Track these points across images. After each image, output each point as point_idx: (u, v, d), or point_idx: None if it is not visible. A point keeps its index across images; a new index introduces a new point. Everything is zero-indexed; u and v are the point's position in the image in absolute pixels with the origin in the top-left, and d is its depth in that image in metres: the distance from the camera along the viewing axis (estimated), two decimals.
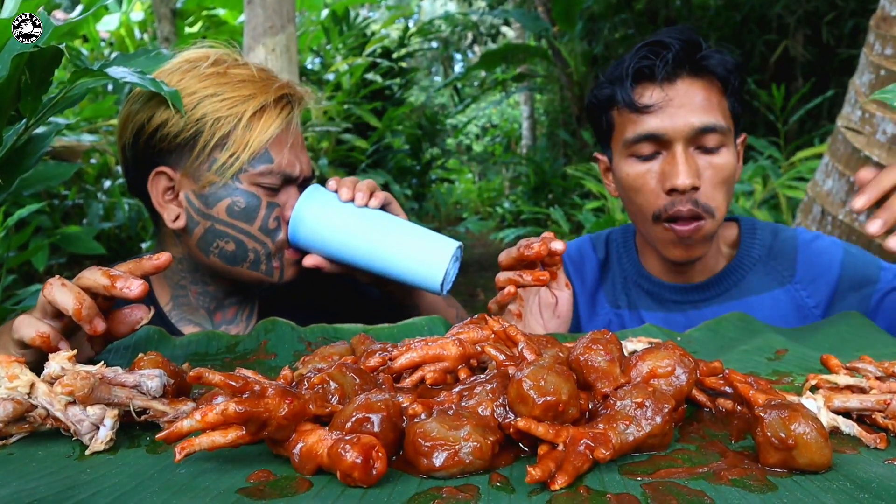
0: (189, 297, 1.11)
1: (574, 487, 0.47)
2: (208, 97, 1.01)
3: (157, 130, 1.02)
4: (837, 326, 0.86)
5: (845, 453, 0.53)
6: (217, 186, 1.02)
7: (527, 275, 0.89)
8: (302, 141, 1.09)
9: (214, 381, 0.50)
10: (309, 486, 0.47)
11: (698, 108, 1.07)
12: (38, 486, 0.47)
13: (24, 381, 0.57)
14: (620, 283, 1.27)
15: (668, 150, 1.09)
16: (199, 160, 1.02)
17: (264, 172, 1.02)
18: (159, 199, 1.06)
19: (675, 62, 1.07)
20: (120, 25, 5.55)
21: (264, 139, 1.02)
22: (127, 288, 0.69)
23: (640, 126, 1.09)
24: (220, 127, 1.01)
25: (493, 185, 10.86)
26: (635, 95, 1.10)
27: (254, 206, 1.03)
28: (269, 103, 1.03)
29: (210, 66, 1.04)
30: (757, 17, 5.92)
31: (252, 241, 1.04)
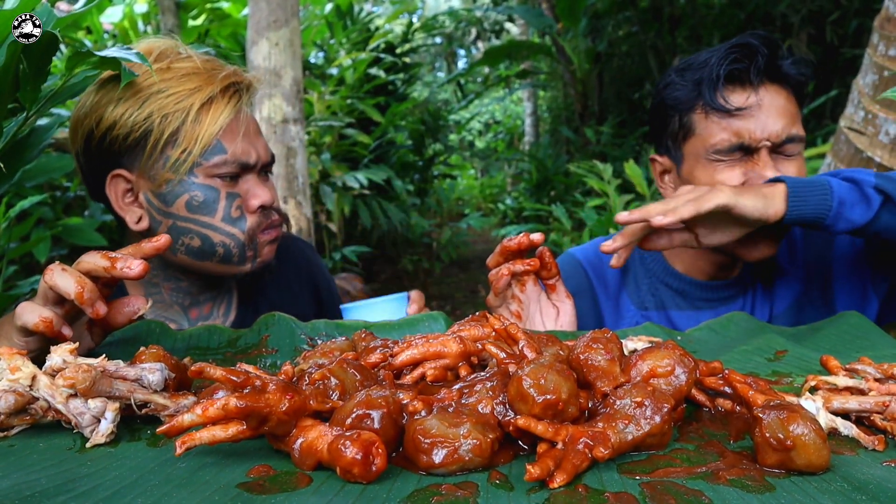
0: (162, 294, 1.11)
1: (573, 486, 0.47)
2: (154, 94, 1.00)
3: (107, 133, 1.01)
4: (838, 327, 0.86)
5: (843, 454, 0.53)
6: (173, 184, 1.02)
7: (517, 263, 0.91)
8: (256, 127, 1.08)
9: (216, 376, 0.51)
10: (309, 482, 0.47)
11: (784, 116, 1.08)
12: (39, 478, 0.48)
13: (26, 374, 0.57)
14: (646, 283, 1.27)
15: (751, 154, 1.09)
16: (152, 159, 1.01)
17: (219, 163, 1.02)
18: (119, 203, 1.05)
19: (772, 62, 1.08)
20: (123, 17, 5.54)
21: (214, 131, 1.01)
22: (127, 268, 0.69)
23: (730, 130, 1.09)
24: (169, 123, 1.00)
25: (495, 182, 10.85)
26: (720, 97, 1.10)
27: (212, 199, 1.03)
28: (216, 94, 1.02)
29: (153, 62, 1.03)
30: (761, 16, 5.91)
31: (218, 234, 1.04)
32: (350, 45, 5.41)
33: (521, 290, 0.96)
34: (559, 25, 7.17)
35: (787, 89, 1.10)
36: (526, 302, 0.96)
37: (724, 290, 1.20)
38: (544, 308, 0.96)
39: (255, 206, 1.06)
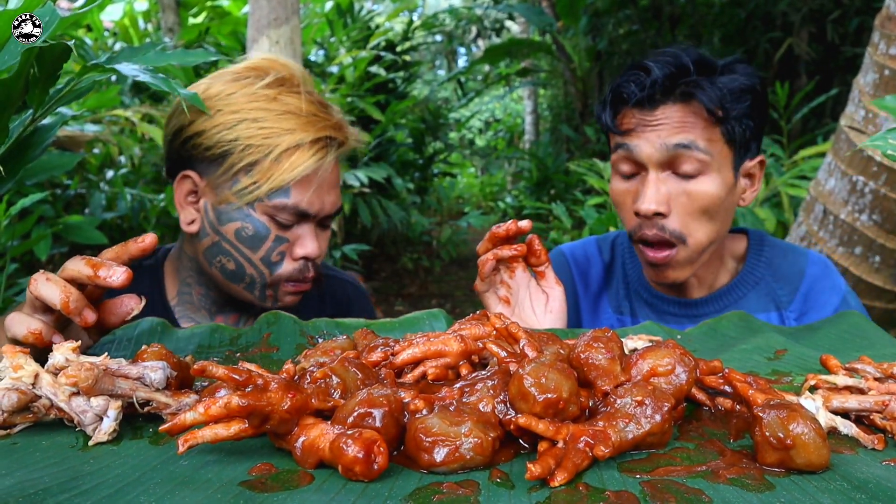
0: (193, 295, 1.12)
1: (573, 484, 0.47)
2: (248, 121, 1.01)
3: (193, 137, 1.03)
4: (837, 326, 0.86)
5: (843, 454, 0.53)
6: (232, 207, 1.03)
7: (504, 248, 0.92)
8: (333, 180, 1.08)
9: (218, 374, 0.51)
10: (310, 480, 0.48)
11: (673, 130, 1.06)
12: (42, 477, 0.48)
13: (29, 372, 0.57)
14: (623, 289, 1.27)
15: (644, 171, 1.09)
16: (223, 177, 1.03)
17: (279, 206, 1.02)
18: (181, 200, 1.07)
19: (654, 88, 1.06)
20: (124, 15, 5.54)
21: (289, 177, 1.01)
22: (110, 276, 0.67)
23: (620, 147, 1.10)
24: (251, 153, 1.00)
25: (495, 180, 10.85)
26: (617, 119, 1.10)
27: (262, 236, 1.03)
28: (305, 143, 1.02)
29: (265, 87, 1.03)
30: (761, 15, 5.90)
31: (251, 267, 1.04)
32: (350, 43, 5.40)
33: (510, 276, 0.97)
34: (559, 24, 7.17)
35: (692, 109, 1.06)
36: (515, 288, 0.97)
37: (695, 307, 1.20)
38: (534, 294, 0.97)
39: (299, 256, 1.06)
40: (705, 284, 1.20)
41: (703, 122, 1.06)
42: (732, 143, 1.08)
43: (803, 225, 2.71)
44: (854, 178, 2.44)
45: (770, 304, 1.18)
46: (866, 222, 2.43)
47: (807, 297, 1.18)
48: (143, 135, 3.86)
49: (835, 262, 2.51)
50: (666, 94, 1.06)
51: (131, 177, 4.08)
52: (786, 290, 1.18)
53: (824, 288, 1.17)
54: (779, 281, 1.19)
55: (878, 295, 2.47)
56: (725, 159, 1.08)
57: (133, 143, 3.91)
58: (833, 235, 2.53)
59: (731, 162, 1.09)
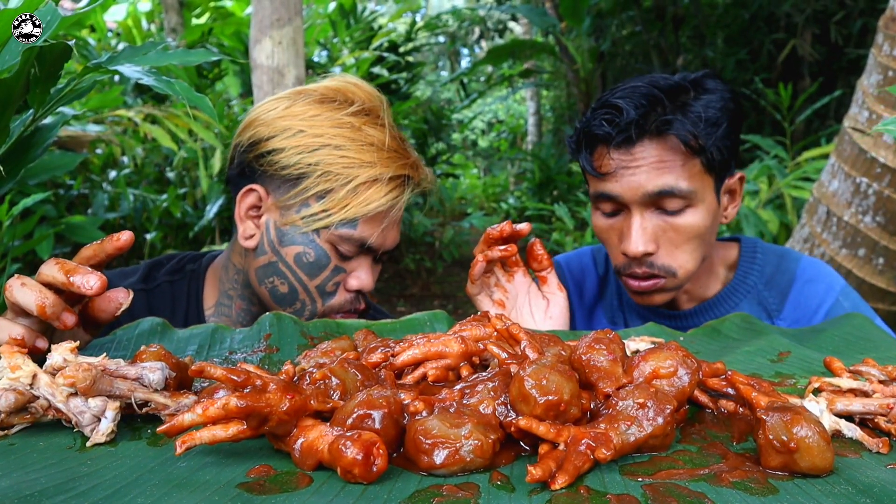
0: (232, 308, 1.11)
1: (574, 487, 0.46)
2: (330, 147, 0.99)
3: (270, 153, 1.01)
4: (842, 328, 0.85)
5: (847, 457, 0.52)
6: (297, 230, 1.01)
7: (494, 250, 0.90)
8: (399, 218, 1.06)
9: (216, 375, 0.50)
10: (309, 482, 0.47)
11: (653, 172, 1.03)
12: (39, 478, 0.47)
13: (27, 372, 0.57)
14: (617, 300, 1.26)
15: (627, 209, 1.06)
16: (294, 199, 1.01)
17: (344, 237, 1.01)
18: (241, 213, 1.06)
19: (628, 130, 1.02)
20: (127, 16, 5.55)
21: (362, 211, 0.99)
22: (84, 284, 0.65)
23: (598, 185, 1.07)
24: (328, 181, 0.99)
25: (497, 181, 10.84)
26: (594, 159, 1.07)
27: (322, 264, 1.02)
28: (385, 179, 1.00)
29: (350, 115, 1.02)
30: (765, 16, 5.89)
31: (305, 293, 1.03)
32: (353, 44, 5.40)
33: (508, 280, 0.96)
34: (562, 25, 7.16)
35: (669, 144, 1.03)
36: (513, 292, 0.96)
37: (685, 319, 1.18)
38: (534, 300, 0.96)
39: (353, 287, 1.04)
40: (694, 296, 1.18)
41: (682, 155, 1.03)
42: (712, 170, 1.06)
43: (806, 226, 2.70)
44: (858, 180, 2.43)
45: (761, 312, 1.16)
46: (870, 224, 2.42)
47: (797, 304, 1.15)
48: (145, 135, 3.87)
49: (838, 264, 2.50)
50: (641, 131, 1.03)
51: (134, 177, 4.09)
52: (776, 296, 1.16)
53: (815, 291, 1.14)
54: (770, 288, 1.17)
55: (881, 297, 2.46)
56: (708, 187, 1.06)
57: (136, 144, 3.91)
58: (836, 237, 2.52)
59: (712, 188, 1.07)
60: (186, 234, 3.87)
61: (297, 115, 1.02)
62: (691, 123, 1.02)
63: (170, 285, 1.12)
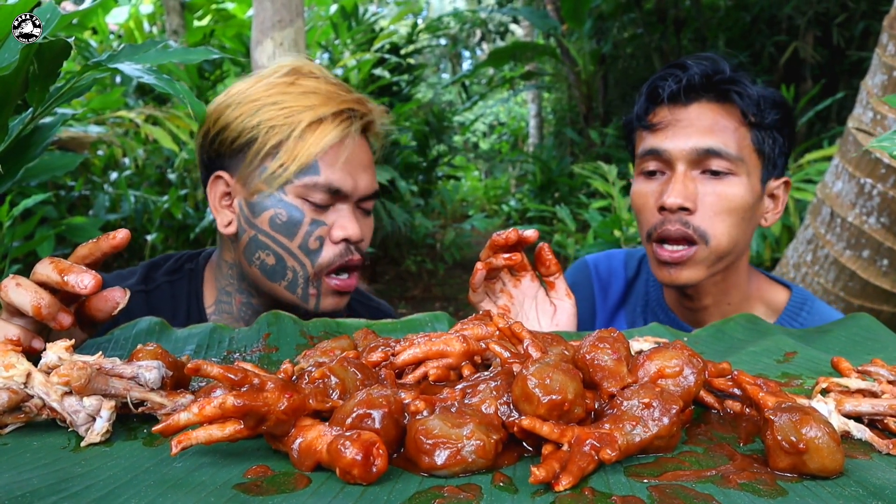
0: (232, 304, 1.10)
1: (579, 489, 0.45)
2: (268, 105, 1.00)
3: (219, 134, 1.03)
4: (848, 329, 0.84)
5: (857, 458, 0.51)
6: (264, 196, 1.01)
7: (498, 258, 0.89)
8: (365, 159, 1.05)
9: (213, 373, 0.49)
10: (307, 483, 0.46)
11: (704, 131, 1.04)
12: (31, 478, 0.46)
13: (21, 371, 0.56)
14: (641, 306, 1.25)
15: (671, 170, 1.07)
16: (251, 167, 1.02)
17: (309, 185, 1.00)
18: (216, 204, 1.06)
19: (690, 85, 1.06)
20: (129, 18, 5.56)
21: (314, 151, 0.99)
22: (79, 283, 0.64)
23: (647, 141, 1.09)
24: (274, 135, 0.99)
25: (499, 183, 10.83)
26: (648, 114, 1.09)
27: (296, 221, 1.01)
28: (328, 115, 1.01)
29: (282, 76, 1.03)
30: (767, 18, 5.89)
31: (291, 258, 1.02)
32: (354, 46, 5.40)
33: (515, 284, 0.94)
34: (564, 27, 7.16)
35: (724, 110, 1.06)
36: (519, 298, 0.94)
37: None
38: (541, 305, 0.94)
39: (338, 238, 1.02)
40: (720, 314, 1.15)
41: (736, 125, 1.05)
42: (762, 154, 1.07)
43: (810, 228, 2.69)
44: (862, 181, 2.42)
45: None
46: (874, 225, 2.41)
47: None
48: (147, 136, 3.86)
49: (842, 265, 2.49)
50: (701, 91, 1.06)
51: (135, 178, 4.09)
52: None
53: None
54: None
55: (885, 299, 2.45)
56: (755, 167, 1.07)
57: (137, 145, 3.91)
58: (840, 238, 2.50)
59: (759, 173, 1.08)
60: (187, 236, 3.87)
61: (235, 93, 1.04)
62: (752, 96, 1.05)
63: (169, 285, 1.12)
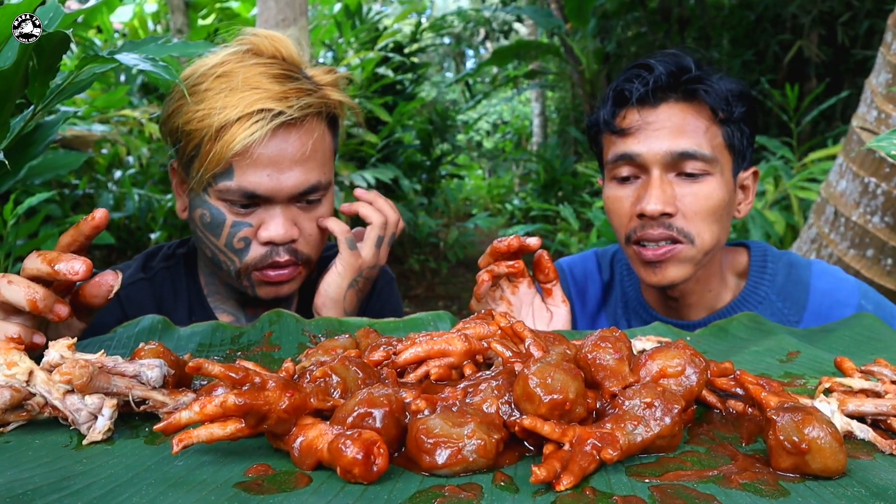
0: (217, 285, 1.11)
1: (580, 488, 0.45)
2: (193, 104, 0.97)
3: (166, 125, 1.03)
4: (852, 328, 0.84)
5: (860, 459, 0.51)
6: (194, 195, 1.01)
7: (500, 265, 0.89)
8: (294, 153, 0.98)
9: (214, 372, 0.49)
10: (308, 482, 0.46)
11: (677, 133, 1.03)
12: (33, 476, 0.47)
13: (23, 369, 0.56)
14: (622, 307, 1.23)
15: (645, 174, 1.05)
16: (184, 165, 1.02)
17: (222, 190, 0.97)
18: (176, 188, 1.07)
19: (657, 86, 1.03)
20: (133, 17, 5.57)
21: (223, 157, 0.95)
22: (69, 270, 0.63)
23: (618, 146, 1.07)
24: (192, 139, 0.97)
25: (502, 182, 10.83)
26: (616, 118, 1.07)
27: (218, 222, 0.99)
28: (232, 120, 0.94)
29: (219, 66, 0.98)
30: (771, 17, 5.87)
31: (221, 254, 1.02)
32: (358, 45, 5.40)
33: (512, 292, 0.93)
34: (568, 26, 7.15)
35: (694, 109, 1.04)
36: (517, 304, 0.93)
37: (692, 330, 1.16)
38: (537, 312, 0.94)
39: (262, 239, 1.00)
40: (704, 305, 1.15)
41: (706, 122, 1.04)
42: (732, 149, 1.06)
43: (814, 227, 2.68)
44: (866, 180, 2.41)
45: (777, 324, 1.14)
46: (878, 224, 2.40)
47: (818, 314, 1.12)
48: (151, 135, 3.87)
49: (846, 264, 2.48)
50: (668, 91, 1.04)
51: (139, 177, 4.09)
52: (792, 308, 1.13)
53: (835, 301, 1.11)
54: (785, 299, 1.13)
55: (890, 299, 2.44)
56: (726, 164, 1.06)
57: (141, 144, 3.91)
58: (844, 237, 2.50)
59: (730, 167, 1.07)
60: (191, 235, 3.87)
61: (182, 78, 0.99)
62: (720, 92, 1.04)
63: (167, 271, 1.12)
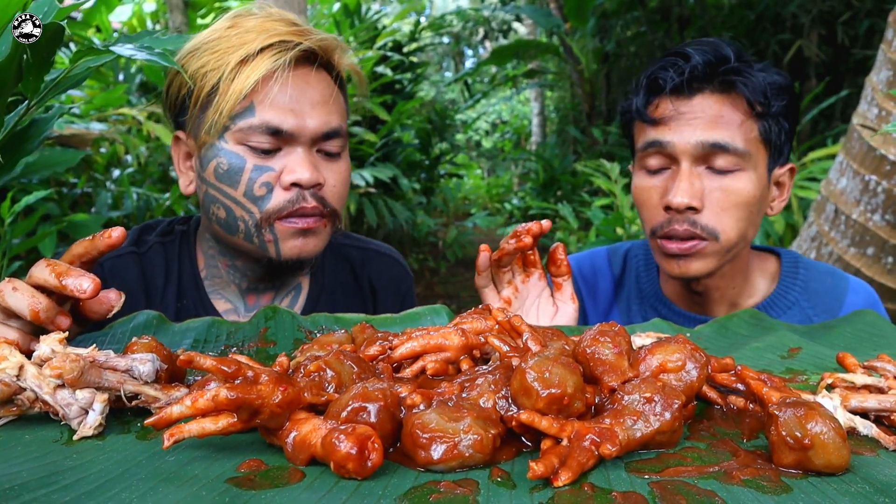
0: (219, 268, 1.07)
1: (578, 484, 0.44)
2: (206, 50, 0.95)
3: (169, 89, 1.01)
4: (853, 325, 0.83)
5: (863, 455, 0.50)
6: (207, 147, 0.97)
7: (509, 243, 0.87)
8: (314, 94, 0.97)
9: (206, 365, 0.49)
10: (301, 477, 0.45)
11: (710, 125, 1.00)
12: (21, 471, 0.46)
13: (13, 363, 0.55)
14: (637, 302, 1.22)
15: (675, 165, 1.03)
16: (195, 118, 0.98)
17: (244, 128, 0.94)
18: (179, 165, 1.04)
19: (693, 76, 1.01)
20: (132, 16, 5.56)
21: (243, 89, 0.92)
22: (78, 288, 0.62)
23: (649, 134, 1.05)
24: (208, 80, 0.94)
25: (501, 182, 10.82)
26: (649, 107, 1.05)
27: (237, 168, 0.95)
28: (254, 51, 0.93)
29: (226, 20, 0.98)
30: (771, 16, 5.86)
31: (239, 208, 0.97)
32: (357, 44, 5.39)
33: (523, 280, 0.92)
34: (567, 25, 7.14)
35: (730, 101, 1.01)
36: (524, 292, 0.92)
37: None
38: (543, 304, 0.93)
39: (287, 183, 0.95)
40: (726, 301, 1.13)
41: (742, 116, 1.01)
42: (768, 143, 1.03)
43: (814, 225, 2.67)
44: (867, 178, 2.40)
45: None
46: (879, 222, 2.39)
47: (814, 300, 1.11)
48: (149, 134, 3.86)
49: (846, 263, 2.47)
50: (704, 81, 1.02)
51: (137, 176, 4.08)
52: (822, 317, 1.11)
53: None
54: (815, 306, 1.11)
55: (890, 297, 2.43)
56: (761, 159, 1.03)
57: (139, 143, 3.90)
58: (845, 236, 2.49)
59: (765, 163, 1.04)
60: None
61: (184, 47, 0.99)
62: (757, 83, 1.01)
63: (161, 247, 1.09)
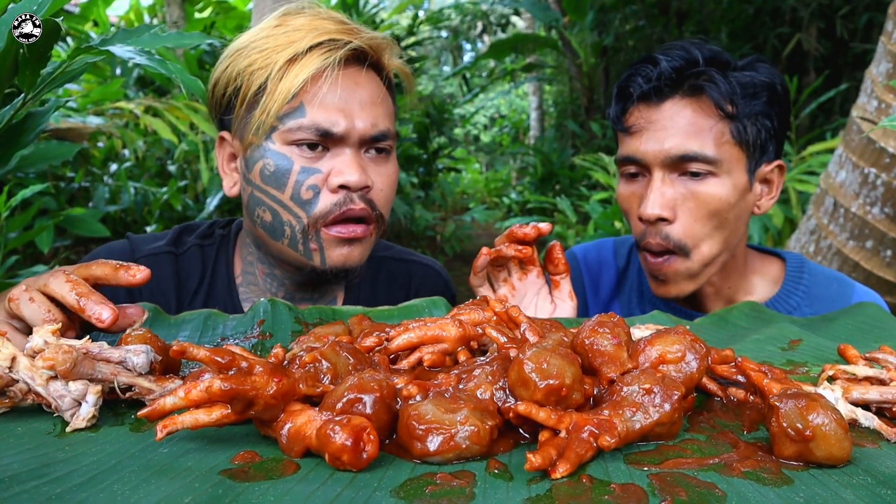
0: (256, 275, 1.05)
1: (576, 476, 0.44)
2: (254, 51, 0.94)
3: (214, 90, 0.99)
4: (854, 317, 0.83)
5: (865, 447, 0.50)
6: (254, 148, 0.95)
7: (510, 247, 0.87)
8: (364, 94, 0.95)
9: (199, 356, 0.48)
10: (296, 469, 0.45)
11: (679, 133, 1.00)
12: (13, 463, 0.45)
13: (5, 355, 0.54)
14: (637, 296, 1.21)
15: (649, 173, 1.03)
16: (241, 119, 0.96)
17: (293, 128, 0.92)
18: (224, 167, 1.02)
19: (660, 80, 1.00)
20: (129, 10, 5.53)
21: (292, 88, 0.91)
22: (97, 317, 0.63)
23: (624, 146, 1.05)
24: (255, 79, 0.93)
25: (500, 176, 10.81)
26: (623, 116, 1.05)
27: (284, 170, 0.93)
28: (303, 49, 0.92)
29: (274, 18, 0.96)
30: (770, 10, 5.85)
31: (286, 212, 0.94)
32: None
33: (520, 277, 0.92)
34: (565, 19, 7.12)
35: (700, 105, 1.00)
36: (521, 291, 0.92)
37: None
38: (541, 302, 0.92)
39: (335, 185, 0.93)
40: (722, 297, 1.13)
41: (712, 120, 1.00)
42: (745, 144, 1.02)
43: (813, 218, 2.67)
44: (866, 171, 2.39)
45: None
46: (878, 215, 2.38)
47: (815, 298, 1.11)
48: (146, 128, 3.84)
49: (845, 256, 2.47)
50: (674, 87, 1.01)
51: (135, 170, 4.07)
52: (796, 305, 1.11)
53: None
54: (817, 312, 1.10)
55: (889, 290, 2.43)
56: (738, 161, 1.02)
57: (137, 137, 3.89)
58: (844, 229, 2.48)
59: (744, 165, 1.03)
60: None
61: (230, 46, 0.98)
62: (726, 86, 1.00)
63: (199, 249, 1.07)
